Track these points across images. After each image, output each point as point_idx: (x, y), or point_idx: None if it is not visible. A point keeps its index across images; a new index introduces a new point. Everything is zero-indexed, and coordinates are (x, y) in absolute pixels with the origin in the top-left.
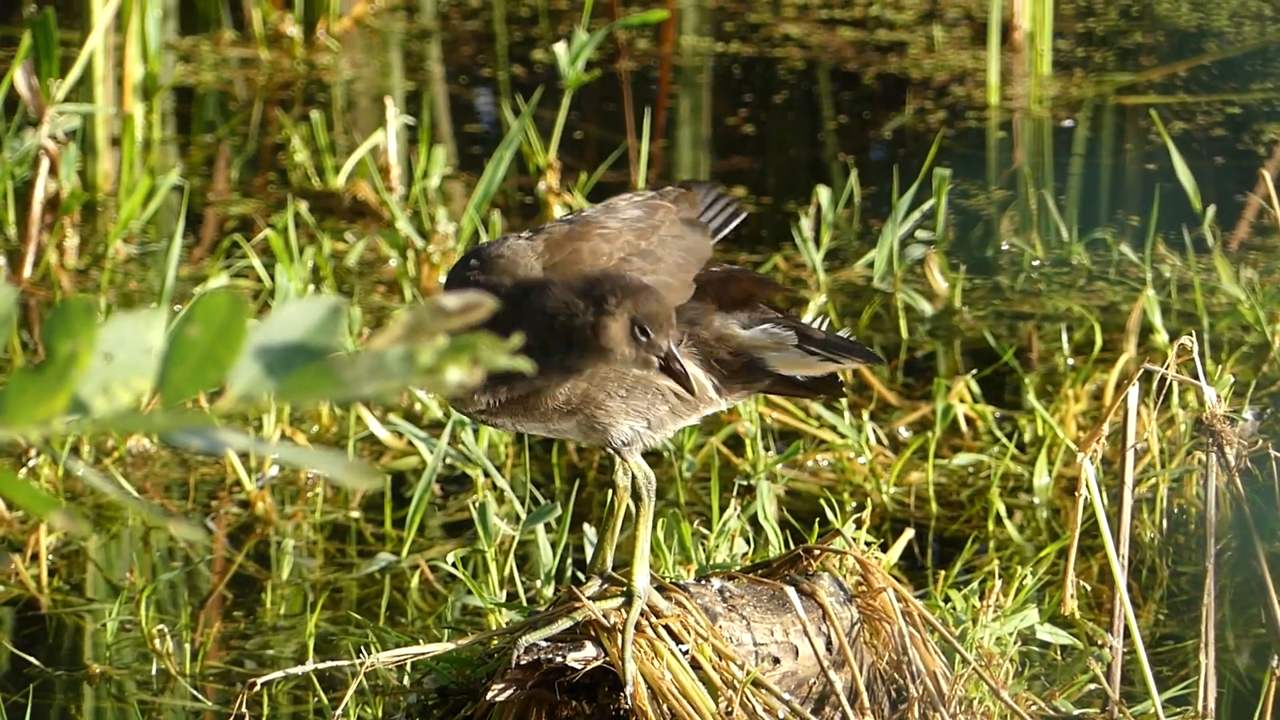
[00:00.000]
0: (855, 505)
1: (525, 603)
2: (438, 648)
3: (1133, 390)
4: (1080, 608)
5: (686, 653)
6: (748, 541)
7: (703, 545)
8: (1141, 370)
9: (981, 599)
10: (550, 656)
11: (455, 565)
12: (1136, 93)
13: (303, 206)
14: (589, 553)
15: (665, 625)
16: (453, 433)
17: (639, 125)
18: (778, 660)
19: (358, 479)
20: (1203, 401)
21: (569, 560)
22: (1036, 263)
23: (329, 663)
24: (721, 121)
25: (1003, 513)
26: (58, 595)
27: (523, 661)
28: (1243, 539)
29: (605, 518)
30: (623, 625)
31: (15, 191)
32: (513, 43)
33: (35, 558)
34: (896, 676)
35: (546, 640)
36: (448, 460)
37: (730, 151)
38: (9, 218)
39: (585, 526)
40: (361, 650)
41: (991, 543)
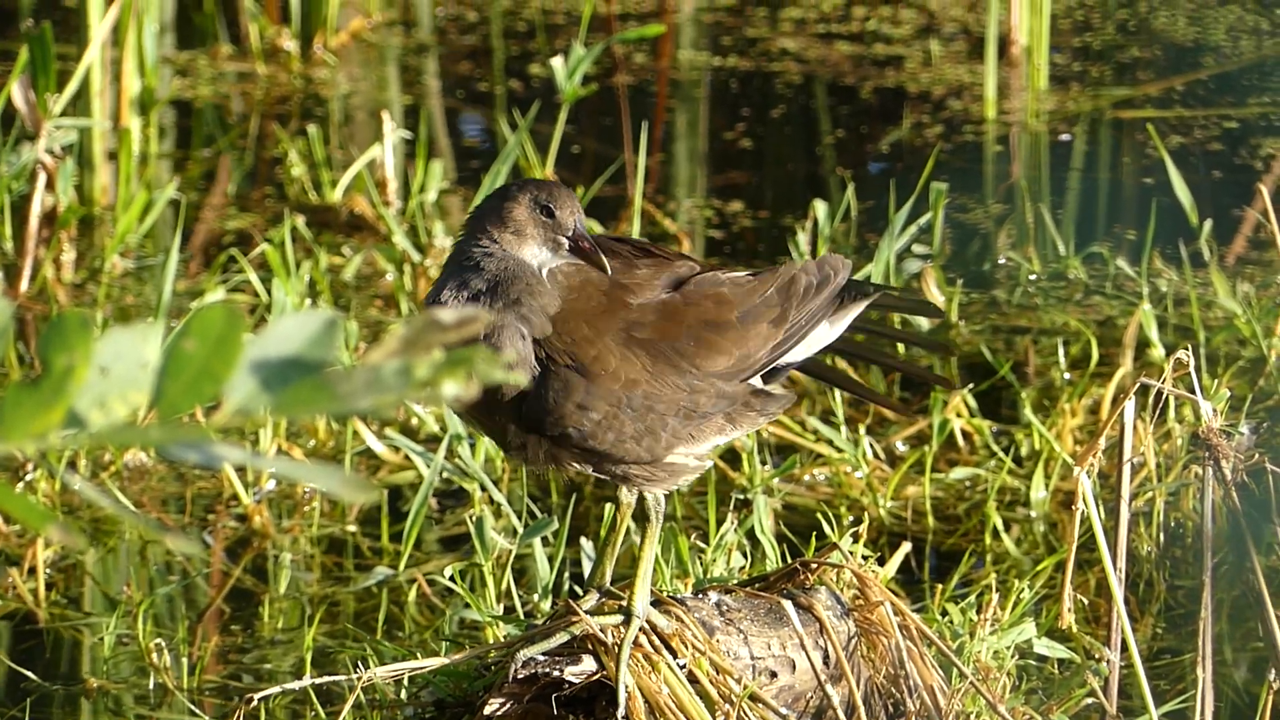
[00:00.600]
0: (852, 519)
1: (522, 616)
2: (435, 661)
3: (1129, 404)
4: (1077, 621)
5: (684, 666)
6: (745, 555)
7: (700, 559)
8: (1138, 384)
9: (979, 613)
10: (547, 670)
11: (453, 579)
12: (1133, 107)
13: (300, 221)
14: (586, 567)
15: (663, 639)
16: (449, 447)
17: (636, 140)
18: (775, 674)
19: (354, 493)
20: (1199, 416)
21: (566, 574)
22: (1033, 277)
23: (326, 677)
24: (719, 136)
25: (1000, 526)
26: (55, 609)
27: (520, 675)
28: (1239, 553)
29: (606, 533)
30: (620, 644)
31: (12, 206)
32: (510, 57)
33: (33, 571)
34: (894, 690)
35: (544, 654)
36: (445, 474)
37: (727, 166)
38: (6, 232)
39: (582, 541)
40: (359, 664)
41: (988, 556)
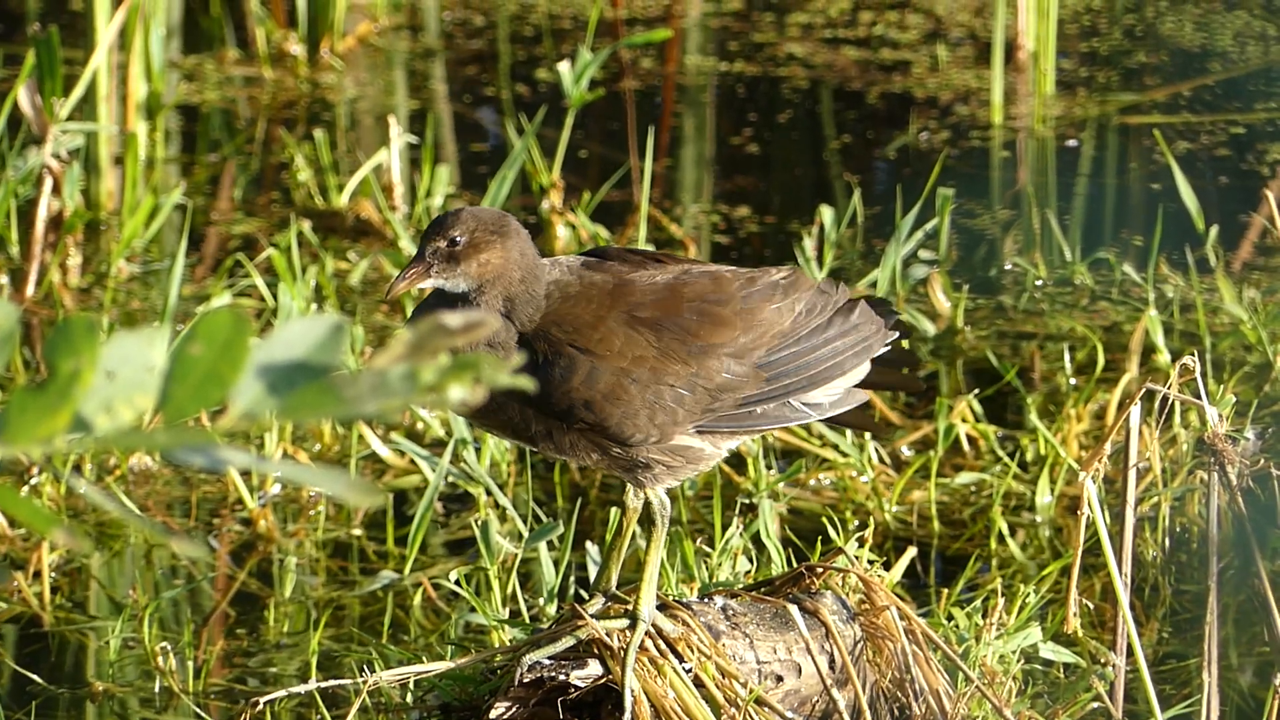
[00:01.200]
0: (858, 524)
1: (528, 620)
2: (440, 665)
3: (1135, 410)
4: (1083, 626)
5: (689, 671)
6: (750, 560)
7: (705, 563)
8: (1144, 390)
9: (984, 617)
10: (553, 674)
11: (458, 583)
12: (1140, 112)
13: (306, 225)
14: (592, 571)
15: (668, 643)
16: (455, 451)
17: (643, 144)
18: (781, 678)
19: (360, 497)
20: (1205, 421)
21: (572, 578)
22: (1039, 282)
23: (332, 681)
24: (725, 141)
25: (1005, 531)
26: (60, 613)
27: (526, 679)
28: (1245, 557)
29: (612, 537)
30: (625, 648)
31: (18, 210)
32: (516, 62)
33: (38, 575)
34: (899, 695)
35: (549, 658)
36: (450, 478)
37: (734, 171)
38: (12, 236)
39: (588, 544)
40: (364, 668)
41: (994, 561)
